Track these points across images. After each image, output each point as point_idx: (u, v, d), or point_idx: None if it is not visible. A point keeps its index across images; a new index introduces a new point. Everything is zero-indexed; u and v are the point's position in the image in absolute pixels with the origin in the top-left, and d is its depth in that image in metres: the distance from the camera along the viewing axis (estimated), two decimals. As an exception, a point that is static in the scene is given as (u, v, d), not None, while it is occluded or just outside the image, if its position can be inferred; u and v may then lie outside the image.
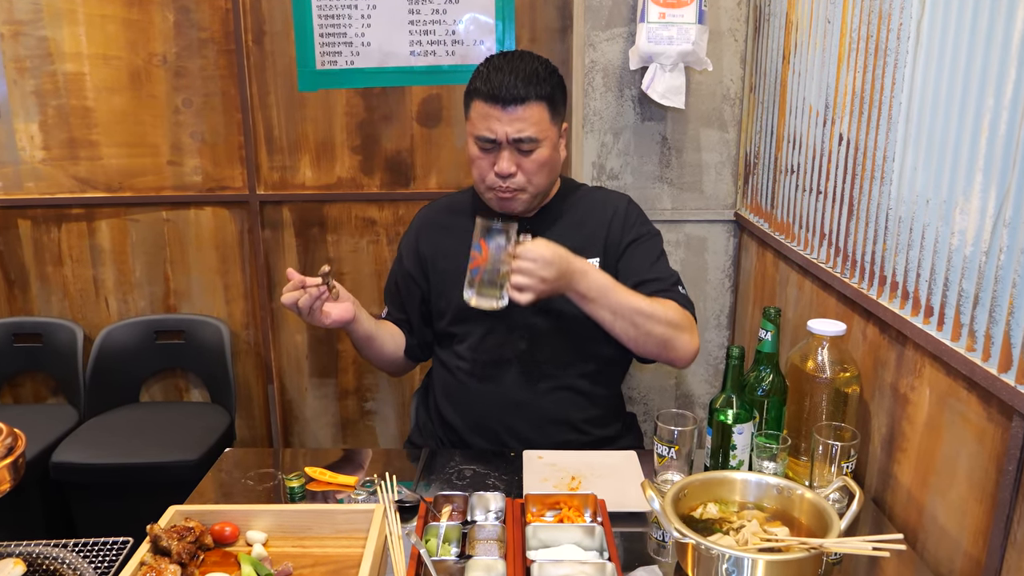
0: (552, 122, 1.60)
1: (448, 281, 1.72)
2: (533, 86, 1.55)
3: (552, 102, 1.59)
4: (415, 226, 1.84)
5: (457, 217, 1.76)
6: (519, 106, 1.55)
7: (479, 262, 1.47)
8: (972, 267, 1.18)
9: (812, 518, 1.17)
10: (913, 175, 1.36)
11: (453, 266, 1.71)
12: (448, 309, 1.74)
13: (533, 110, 1.56)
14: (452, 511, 1.29)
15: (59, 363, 2.73)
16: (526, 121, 1.55)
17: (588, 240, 1.69)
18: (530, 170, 1.59)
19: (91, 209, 2.72)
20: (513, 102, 1.55)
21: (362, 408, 2.89)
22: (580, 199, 1.76)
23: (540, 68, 1.59)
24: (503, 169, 1.57)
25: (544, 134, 1.58)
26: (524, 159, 1.58)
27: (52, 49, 2.58)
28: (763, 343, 1.44)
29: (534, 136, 1.56)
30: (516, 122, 1.55)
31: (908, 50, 1.37)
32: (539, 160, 1.59)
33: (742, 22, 2.31)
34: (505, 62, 1.58)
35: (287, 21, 2.54)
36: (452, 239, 1.72)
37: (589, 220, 1.72)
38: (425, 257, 1.78)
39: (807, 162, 1.84)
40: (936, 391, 1.28)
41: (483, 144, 1.59)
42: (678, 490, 1.20)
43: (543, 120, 1.58)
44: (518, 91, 1.54)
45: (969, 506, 1.20)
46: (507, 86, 1.54)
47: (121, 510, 2.35)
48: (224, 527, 1.22)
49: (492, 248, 1.45)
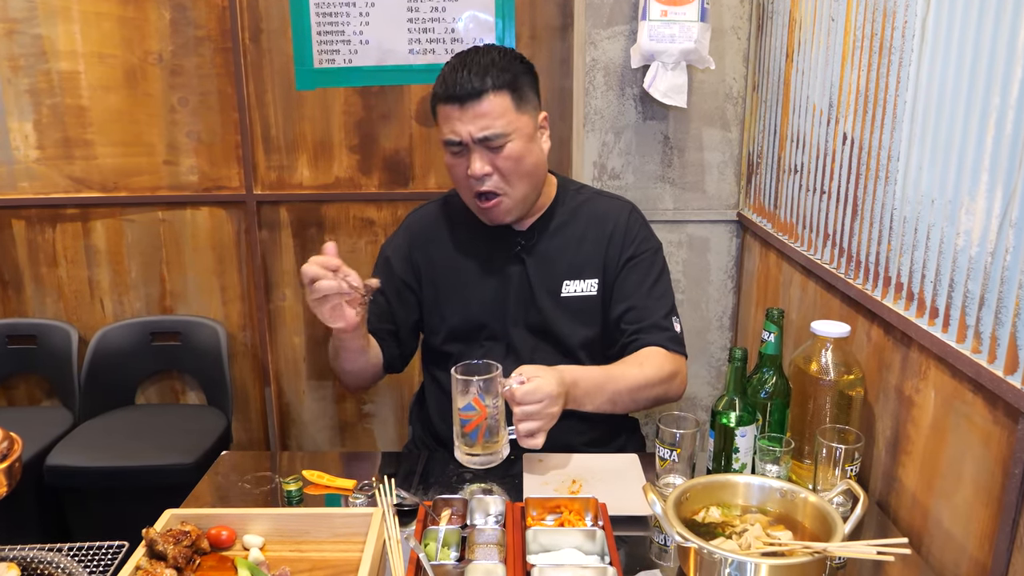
0: (519, 112, 1.50)
1: (442, 295, 1.69)
2: (490, 77, 1.47)
3: (515, 89, 1.50)
4: (406, 233, 1.74)
5: (451, 226, 1.70)
6: (476, 101, 1.46)
7: (478, 421, 1.38)
8: (978, 268, 1.18)
9: (816, 522, 1.17)
10: (918, 175, 1.36)
11: (448, 280, 1.68)
12: (442, 327, 1.69)
13: (493, 102, 1.47)
14: (451, 515, 1.29)
15: (53, 365, 2.73)
16: (487, 116, 1.47)
17: (588, 258, 1.65)
18: (505, 168, 1.51)
19: (86, 209, 2.72)
20: (469, 97, 1.46)
21: (360, 411, 2.89)
22: (580, 208, 1.68)
23: (497, 57, 1.50)
24: (475, 171, 1.49)
25: (511, 127, 1.49)
26: (496, 157, 1.50)
27: (47, 47, 2.58)
28: (766, 345, 1.44)
29: (500, 131, 1.47)
30: (477, 119, 1.47)
31: (913, 48, 1.37)
32: (512, 155, 1.50)
33: (745, 20, 2.31)
34: (460, 59, 1.51)
35: (284, 19, 2.55)
36: (447, 250, 1.68)
37: (589, 235, 1.66)
38: (418, 266, 1.71)
39: (811, 162, 1.84)
40: (941, 393, 1.28)
41: (452, 148, 1.52)
42: (680, 494, 1.20)
43: (507, 111, 1.48)
44: (472, 85, 1.46)
45: (975, 510, 1.20)
46: (461, 82, 1.46)
47: (116, 514, 2.37)
48: (221, 531, 1.22)
49: (490, 403, 1.37)
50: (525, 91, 1.53)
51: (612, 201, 1.72)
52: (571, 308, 1.65)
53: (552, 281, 1.64)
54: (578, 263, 1.65)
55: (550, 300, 1.64)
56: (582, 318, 1.65)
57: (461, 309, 1.67)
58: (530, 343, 1.66)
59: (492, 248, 1.66)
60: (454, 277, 1.68)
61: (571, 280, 1.64)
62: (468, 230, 1.68)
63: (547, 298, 1.64)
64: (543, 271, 1.64)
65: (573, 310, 1.65)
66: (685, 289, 2.50)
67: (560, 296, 1.64)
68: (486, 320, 1.66)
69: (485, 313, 1.66)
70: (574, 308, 1.65)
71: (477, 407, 1.36)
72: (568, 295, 1.64)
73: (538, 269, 1.64)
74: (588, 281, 1.65)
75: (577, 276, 1.64)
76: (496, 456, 1.40)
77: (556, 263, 1.65)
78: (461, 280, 1.68)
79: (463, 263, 1.68)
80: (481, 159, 1.49)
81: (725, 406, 1.38)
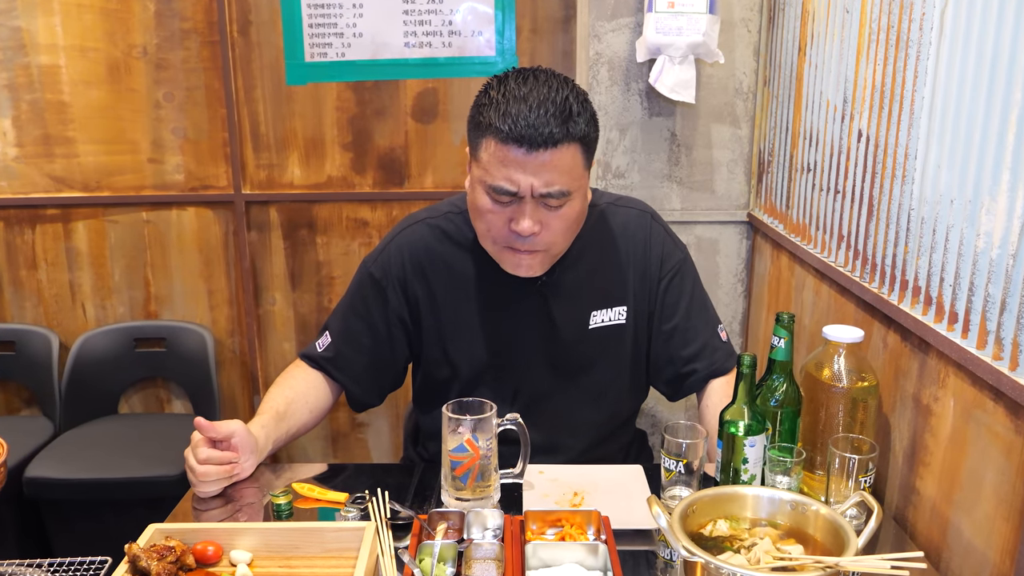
0: (586, 168, 1.39)
1: (446, 331, 1.58)
2: (570, 125, 1.31)
3: (587, 143, 1.37)
4: (399, 258, 1.58)
5: (455, 253, 1.56)
6: (549, 150, 1.30)
7: (469, 464, 1.35)
8: (999, 271, 1.19)
9: (828, 535, 1.17)
10: (936, 174, 1.37)
11: (452, 315, 1.57)
12: (443, 366, 1.60)
13: (566, 155, 1.32)
14: (448, 529, 1.29)
15: (33, 372, 2.74)
16: (557, 170, 1.32)
17: (613, 283, 1.57)
18: (557, 229, 1.38)
19: (67, 210, 2.73)
20: (543, 145, 1.30)
21: (353, 420, 2.89)
22: (595, 229, 1.56)
23: (572, 98, 1.33)
24: (525, 229, 1.35)
25: (577, 184, 1.36)
26: (550, 215, 1.37)
27: (26, 40, 2.59)
28: (776, 351, 1.44)
29: (566, 189, 1.34)
30: (545, 171, 1.31)
31: (931, 41, 1.38)
32: (569, 216, 1.38)
33: (755, 11, 2.32)
34: (528, 90, 1.32)
35: (274, 10, 2.55)
36: (450, 281, 1.57)
37: (610, 255, 1.57)
38: (416, 299, 1.58)
39: (824, 160, 1.84)
40: (961, 402, 1.29)
41: (498, 196, 1.36)
42: (686, 506, 1.20)
43: (576, 166, 1.35)
44: (550, 131, 1.29)
45: (996, 524, 1.20)
46: (536, 124, 1.29)
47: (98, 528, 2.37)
48: (207, 546, 1.22)
49: (483, 445, 1.36)
50: (593, 144, 1.39)
51: (628, 211, 1.61)
52: (599, 341, 1.58)
53: (579, 313, 1.56)
54: (604, 291, 1.57)
55: (577, 334, 1.56)
56: (612, 350, 1.59)
57: (468, 348, 1.58)
58: (546, 384, 1.59)
59: (506, 281, 1.51)
60: (459, 311, 1.57)
61: (598, 310, 1.56)
62: (476, 258, 1.55)
63: (574, 332, 1.56)
64: (568, 302, 1.55)
65: (602, 343, 1.58)
66: (693, 293, 2.50)
67: (588, 329, 1.56)
68: (494, 359, 1.58)
69: (492, 351, 1.57)
70: (603, 341, 1.58)
71: (470, 448, 1.35)
72: (596, 326, 1.57)
73: (561, 301, 1.55)
74: (616, 309, 1.57)
75: (604, 304, 1.56)
76: (487, 501, 1.39)
77: (581, 292, 1.56)
78: (467, 315, 1.57)
79: (470, 295, 1.56)
80: (534, 215, 1.35)
81: (733, 415, 1.38)
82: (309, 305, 2.79)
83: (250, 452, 1.47)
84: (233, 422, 1.46)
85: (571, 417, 1.61)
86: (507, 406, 1.55)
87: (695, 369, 1.60)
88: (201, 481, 1.42)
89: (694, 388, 1.63)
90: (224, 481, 1.45)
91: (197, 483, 1.43)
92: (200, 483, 1.43)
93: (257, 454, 1.50)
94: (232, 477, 1.46)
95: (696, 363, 1.60)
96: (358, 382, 1.66)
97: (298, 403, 1.61)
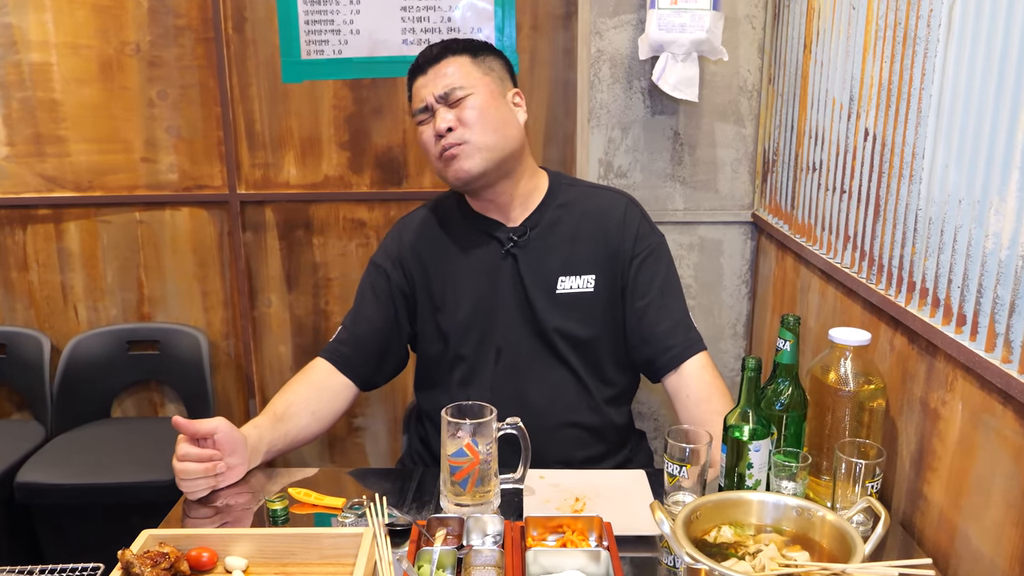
0: (479, 73, 1.62)
1: (436, 301, 1.71)
2: (451, 45, 1.63)
3: (473, 53, 1.64)
4: (396, 241, 1.77)
5: (441, 228, 1.74)
6: (436, 64, 1.61)
7: (469, 468, 1.36)
8: (1008, 272, 1.19)
9: (834, 542, 1.17)
10: (944, 173, 1.37)
11: (441, 284, 1.70)
12: (435, 335, 1.72)
13: (453, 63, 1.61)
14: (447, 535, 1.29)
15: (24, 376, 2.74)
16: (448, 76, 1.59)
17: (584, 255, 1.68)
18: (469, 119, 1.58)
19: (59, 210, 2.73)
20: (430, 63, 1.62)
21: (350, 424, 2.89)
22: (573, 203, 1.71)
23: (461, 38, 1.70)
24: (438, 126, 1.58)
25: (470, 82, 1.60)
26: (459, 112, 1.58)
27: (17, 37, 2.59)
28: (781, 353, 1.44)
29: (458, 84, 1.59)
30: (438, 79, 1.60)
31: (939, 38, 1.38)
32: (475, 107, 1.58)
33: (760, 8, 2.32)
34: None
35: (270, 7, 2.56)
36: (437, 253, 1.71)
37: (584, 230, 1.69)
38: (412, 275, 1.73)
39: (830, 159, 1.84)
40: (969, 406, 1.29)
41: (420, 117, 1.63)
42: (690, 512, 1.20)
43: (467, 72, 1.61)
44: (433, 52, 1.63)
45: (1005, 530, 1.20)
46: (426, 53, 1.64)
47: (91, 534, 2.37)
48: (201, 553, 1.23)
49: (483, 449, 1.36)
50: (488, 60, 1.65)
51: (607, 193, 1.76)
52: (567, 305, 1.67)
53: (546, 278, 1.67)
54: (573, 259, 1.67)
55: (545, 298, 1.66)
56: (579, 316, 1.67)
57: (452, 312, 1.69)
58: (524, 345, 1.68)
59: (482, 246, 1.70)
60: (446, 281, 1.70)
61: (566, 276, 1.67)
62: (458, 230, 1.72)
63: (542, 296, 1.66)
64: (536, 268, 1.67)
65: (569, 308, 1.67)
66: (696, 295, 2.50)
67: (556, 293, 1.66)
68: (478, 320, 1.68)
69: (477, 313, 1.68)
70: (570, 305, 1.67)
71: (469, 453, 1.35)
72: (563, 292, 1.67)
73: (531, 266, 1.67)
74: (584, 277, 1.67)
75: (572, 272, 1.67)
76: (487, 506, 1.39)
77: (550, 259, 1.67)
78: (452, 282, 1.70)
79: (453, 264, 1.71)
80: (443, 115, 1.58)
81: (738, 419, 1.38)
82: (305, 307, 2.79)
83: (236, 450, 1.49)
84: (215, 419, 1.47)
85: (555, 381, 1.68)
86: (491, 367, 1.68)
87: (671, 346, 1.66)
88: (183, 480, 1.44)
89: (671, 365, 1.66)
90: (209, 480, 1.46)
91: (179, 483, 1.44)
92: (181, 482, 1.44)
93: (248, 454, 1.51)
94: (217, 476, 1.47)
95: (671, 339, 1.66)
96: (367, 357, 1.73)
97: (298, 405, 1.64)
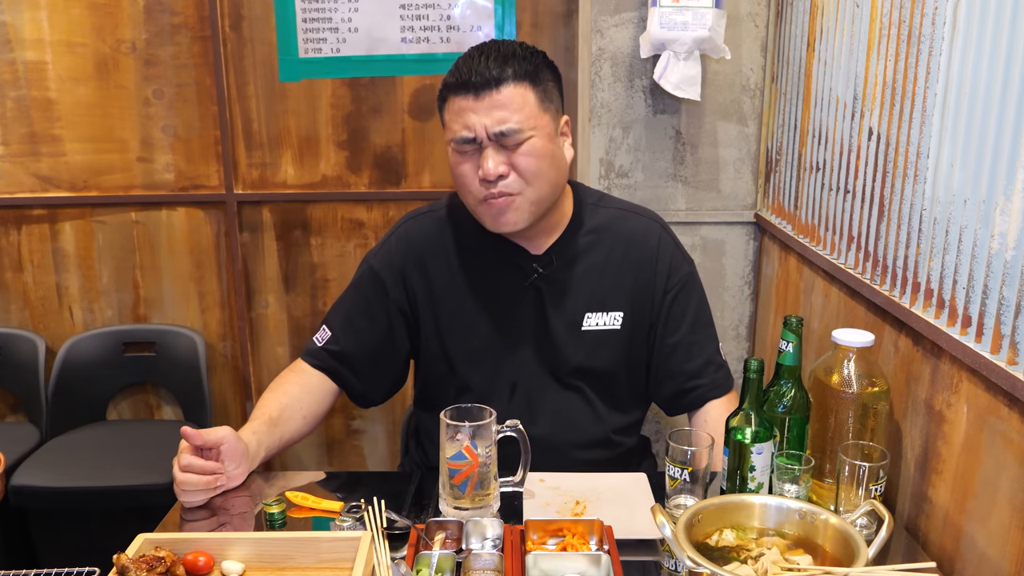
0: (541, 108, 1.45)
1: (443, 325, 1.62)
2: (511, 66, 1.41)
3: (537, 82, 1.44)
4: (401, 245, 1.64)
5: (456, 243, 1.62)
6: (495, 90, 1.40)
7: (468, 471, 1.35)
8: (1013, 273, 1.19)
9: (837, 545, 1.17)
10: (949, 173, 1.37)
11: (449, 307, 1.61)
12: (440, 361, 1.63)
13: (514, 94, 1.41)
14: (446, 539, 1.29)
15: (19, 377, 2.74)
16: (507, 108, 1.40)
17: (612, 288, 1.59)
18: (525, 169, 1.43)
19: (54, 210, 2.73)
20: (487, 86, 1.40)
21: (349, 427, 2.89)
22: (601, 231, 1.61)
23: (519, 48, 1.45)
24: (487, 170, 1.41)
25: (531, 122, 1.43)
26: (513, 156, 1.43)
27: (11, 35, 2.59)
28: (784, 355, 1.44)
29: (518, 126, 1.41)
30: (495, 110, 1.40)
31: (944, 36, 1.38)
32: (532, 155, 1.43)
33: (763, 6, 2.32)
34: (478, 47, 1.45)
35: (267, 5, 2.56)
36: (448, 272, 1.61)
37: (614, 261, 1.60)
38: (414, 291, 1.63)
39: (834, 159, 1.84)
40: (974, 408, 1.29)
41: (462, 147, 1.45)
42: (692, 515, 1.20)
43: (528, 105, 1.42)
44: (491, 72, 1.40)
45: (1011, 533, 1.20)
46: (478, 69, 1.40)
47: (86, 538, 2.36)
48: (198, 557, 1.22)
49: (482, 452, 1.35)
50: (548, 88, 1.47)
51: (638, 218, 1.65)
52: (591, 343, 1.60)
53: (572, 313, 1.59)
54: (602, 293, 1.59)
55: (568, 333, 1.59)
56: (605, 355, 1.61)
57: (462, 338, 1.62)
58: (541, 380, 1.61)
59: (501, 271, 1.59)
60: (456, 303, 1.61)
61: (593, 312, 1.59)
62: (473, 248, 1.61)
63: (564, 332, 1.59)
64: (561, 302, 1.58)
65: (594, 346, 1.60)
66: (699, 296, 2.50)
67: (581, 330, 1.59)
68: (491, 353, 1.61)
69: (491, 345, 1.61)
70: (595, 343, 1.60)
71: (468, 456, 1.35)
72: (589, 328, 1.59)
73: (555, 300, 1.58)
74: (612, 314, 1.59)
75: (600, 308, 1.59)
76: (486, 510, 1.39)
77: (576, 293, 1.59)
78: (464, 307, 1.61)
79: (467, 287, 1.61)
80: (495, 157, 1.42)
81: (740, 421, 1.38)
82: (303, 308, 2.79)
83: (239, 460, 1.47)
84: (222, 429, 1.45)
85: (570, 416, 1.62)
86: (505, 403, 1.58)
87: (697, 385, 1.63)
88: (183, 490, 1.42)
89: (694, 405, 1.65)
90: (208, 492, 1.44)
91: (178, 492, 1.43)
92: (181, 492, 1.42)
93: (248, 461, 1.50)
94: (216, 488, 1.45)
95: (699, 379, 1.63)
96: (359, 375, 1.67)
97: (292, 408, 1.61)
